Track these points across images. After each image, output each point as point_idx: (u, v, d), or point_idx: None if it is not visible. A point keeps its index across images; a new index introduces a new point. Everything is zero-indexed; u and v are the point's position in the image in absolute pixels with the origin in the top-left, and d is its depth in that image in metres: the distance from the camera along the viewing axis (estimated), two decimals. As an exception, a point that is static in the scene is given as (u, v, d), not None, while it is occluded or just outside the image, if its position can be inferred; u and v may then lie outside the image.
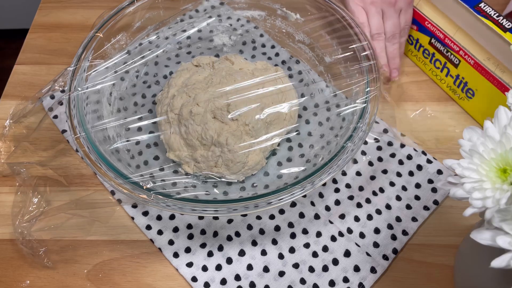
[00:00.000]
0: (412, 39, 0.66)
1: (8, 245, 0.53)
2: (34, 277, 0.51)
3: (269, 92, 0.56)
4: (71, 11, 0.75)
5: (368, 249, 0.52)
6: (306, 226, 0.53)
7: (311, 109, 0.62)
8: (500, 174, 0.33)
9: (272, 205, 0.45)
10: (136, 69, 0.63)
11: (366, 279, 0.50)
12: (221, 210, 0.45)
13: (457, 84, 0.62)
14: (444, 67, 0.63)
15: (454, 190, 0.35)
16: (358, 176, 0.57)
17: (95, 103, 0.55)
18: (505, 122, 0.34)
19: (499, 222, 0.31)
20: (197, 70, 0.60)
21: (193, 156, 0.54)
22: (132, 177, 0.47)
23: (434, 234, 0.54)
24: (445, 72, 0.63)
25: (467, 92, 0.61)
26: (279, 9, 0.65)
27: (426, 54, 0.65)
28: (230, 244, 0.53)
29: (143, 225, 0.53)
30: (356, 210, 0.55)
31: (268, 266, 0.51)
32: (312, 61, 0.64)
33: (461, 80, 0.61)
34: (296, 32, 0.65)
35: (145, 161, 0.57)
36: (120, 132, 0.57)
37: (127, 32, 0.60)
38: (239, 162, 0.53)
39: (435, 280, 0.51)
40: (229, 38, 0.68)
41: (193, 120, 0.53)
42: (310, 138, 0.59)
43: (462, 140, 0.36)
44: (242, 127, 0.53)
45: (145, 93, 0.63)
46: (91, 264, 0.51)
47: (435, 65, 0.64)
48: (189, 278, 0.50)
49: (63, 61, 0.68)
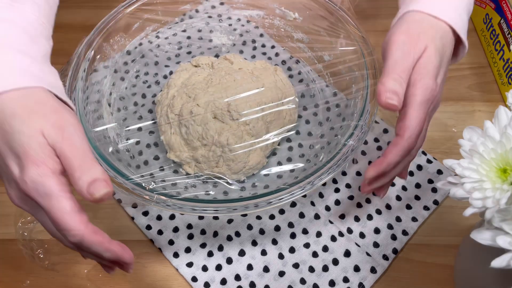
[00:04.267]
0: (487, 17, 0.68)
1: (9, 245, 0.53)
2: (34, 277, 0.51)
3: (269, 92, 0.56)
4: (71, 11, 0.75)
5: (368, 249, 0.52)
6: (306, 226, 0.53)
7: (311, 109, 0.62)
8: (500, 174, 0.33)
9: (272, 205, 0.45)
10: (136, 69, 0.63)
11: (366, 279, 0.50)
12: (221, 210, 0.45)
13: (505, 68, 0.63)
14: (501, 49, 0.64)
15: (454, 190, 0.35)
16: (358, 176, 0.57)
17: (95, 103, 0.55)
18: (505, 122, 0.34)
19: (499, 222, 0.31)
20: (196, 70, 0.60)
21: (194, 157, 0.54)
22: (132, 177, 0.47)
23: (434, 234, 0.54)
24: (500, 55, 0.64)
25: (510, 78, 0.62)
26: (278, 8, 0.64)
27: (492, 35, 0.66)
28: (230, 244, 0.53)
29: (143, 225, 0.53)
30: (356, 210, 0.55)
31: (268, 266, 0.51)
32: (311, 60, 0.64)
33: (509, 65, 0.62)
34: (295, 31, 0.65)
35: (145, 161, 0.57)
36: (120, 132, 0.57)
37: (127, 32, 0.60)
38: (240, 162, 0.53)
39: (435, 280, 0.51)
40: (228, 38, 0.68)
41: (193, 121, 0.53)
42: (310, 138, 0.59)
43: (462, 140, 0.36)
44: (243, 127, 0.53)
45: (145, 93, 0.63)
46: (91, 264, 0.51)
47: (495, 47, 0.65)
48: (189, 278, 0.50)
49: (63, 61, 0.68)
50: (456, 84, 0.66)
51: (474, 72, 0.68)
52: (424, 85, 0.42)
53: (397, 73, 0.42)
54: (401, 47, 0.43)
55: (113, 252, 0.36)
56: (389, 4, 0.74)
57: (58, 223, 0.34)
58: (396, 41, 0.43)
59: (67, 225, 0.34)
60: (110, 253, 0.36)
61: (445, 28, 0.44)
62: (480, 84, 0.67)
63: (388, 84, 0.41)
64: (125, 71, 0.61)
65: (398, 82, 0.41)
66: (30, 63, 0.39)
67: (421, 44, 0.43)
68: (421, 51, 0.43)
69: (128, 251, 0.37)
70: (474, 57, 0.69)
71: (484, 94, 0.65)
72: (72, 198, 0.35)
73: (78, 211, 0.34)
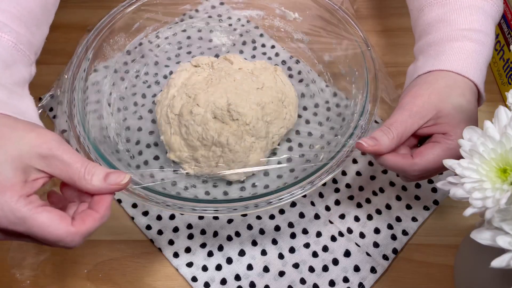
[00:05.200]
0: None
1: (9, 245, 0.53)
2: (34, 277, 0.51)
3: (269, 92, 0.56)
4: (70, 11, 0.75)
5: (368, 249, 0.52)
6: (306, 226, 0.53)
7: (311, 109, 0.62)
8: (500, 174, 0.33)
9: (272, 205, 0.45)
10: (136, 69, 0.63)
11: (366, 279, 0.50)
12: (221, 210, 0.45)
13: (505, 68, 0.63)
14: (501, 49, 0.64)
15: (454, 190, 0.35)
16: (358, 176, 0.57)
17: (95, 103, 0.55)
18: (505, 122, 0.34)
19: (499, 222, 0.31)
20: (196, 70, 0.60)
21: (194, 157, 0.54)
22: (132, 177, 0.47)
23: (434, 234, 0.54)
24: (500, 55, 0.64)
25: (510, 78, 0.62)
26: (278, 8, 0.64)
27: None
28: (230, 244, 0.53)
29: (143, 225, 0.53)
30: (356, 210, 0.55)
31: (268, 266, 0.51)
32: (311, 60, 0.64)
33: (509, 65, 0.62)
34: (295, 31, 0.65)
35: (145, 161, 0.57)
36: (120, 132, 0.57)
37: (127, 32, 0.60)
38: (240, 162, 0.53)
39: (435, 280, 0.51)
40: (228, 38, 0.68)
41: (193, 121, 0.53)
42: (310, 138, 0.59)
43: (462, 140, 0.36)
44: (243, 127, 0.53)
45: (145, 93, 0.63)
46: (91, 264, 0.51)
47: (495, 47, 0.65)
48: (189, 278, 0.50)
49: (63, 61, 0.68)
50: (456, 84, 0.66)
51: (474, 72, 0.68)
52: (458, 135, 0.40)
53: (387, 125, 0.43)
54: (402, 106, 0.44)
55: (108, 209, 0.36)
56: (389, 4, 0.74)
57: (47, 239, 0.33)
58: (400, 102, 0.45)
59: (57, 237, 0.33)
60: (108, 212, 0.36)
61: (467, 85, 0.44)
62: (480, 84, 0.67)
63: (372, 133, 0.43)
64: (125, 71, 0.61)
65: (384, 131, 0.43)
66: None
67: (431, 106, 0.43)
68: (432, 112, 0.43)
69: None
70: (474, 57, 0.69)
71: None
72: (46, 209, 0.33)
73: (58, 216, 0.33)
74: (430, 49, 0.47)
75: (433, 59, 0.46)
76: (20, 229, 0.33)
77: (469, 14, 0.46)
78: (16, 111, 0.39)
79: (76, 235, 0.33)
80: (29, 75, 0.44)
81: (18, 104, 0.40)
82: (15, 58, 0.42)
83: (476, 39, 0.45)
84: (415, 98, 0.44)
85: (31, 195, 0.34)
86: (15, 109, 0.39)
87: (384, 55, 0.68)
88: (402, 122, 0.43)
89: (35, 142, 0.34)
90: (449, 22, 0.46)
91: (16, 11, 0.43)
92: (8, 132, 0.35)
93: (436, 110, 0.43)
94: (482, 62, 0.45)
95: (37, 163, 0.34)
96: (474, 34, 0.45)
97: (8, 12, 0.42)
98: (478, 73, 0.45)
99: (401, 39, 0.69)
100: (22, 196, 0.33)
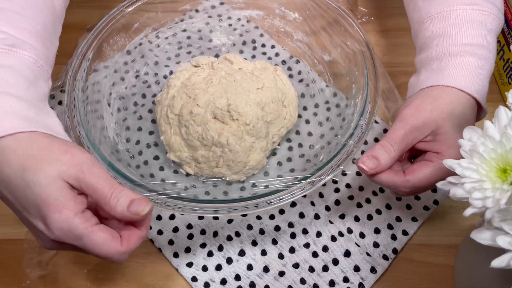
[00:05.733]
0: None
1: (9, 245, 0.53)
2: (34, 277, 0.51)
3: (269, 92, 0.56)
4: (71, 11, 0.74)
5: (368, 249, 0.52)
6: (306, 226, 0.53)
7: (311, 109, 0.62)
8: (500, 174, 0.33)
9: (272, 205, 0.45)
10: (136, 69, 0.63)
11: (366, 279, 0.50)
12: (221, 210, 0.45)
13: (505, 68, 0.63)
14: (501, 49, 0.64)
15: (454, 190, 0.35)
16: (358, 176, 0.57)
17: (95, 103, 0.55)
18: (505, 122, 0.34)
19: (499, 222, 0.31)
20: (196, 70, 0.60)
21: (194, 157, 0.54)
22: (132, 177, 0.47)
23: (434, 234, 0.54)
24: (500, 55, 0.64)
25: (510, 78, 0.61)
26: (277, 8, 0.64)
27: None
28: (230, 244, 0.53)
29: (143, 225, 0.53)
30: (356, 210, 0.55)
31: (268, 266, 0.51)
32: (311, 60, 0.64)
33: (509, 65, 0.61)
34: (295, 31, 0.65)
35: (145, 161, 0.57)
36: (120, 132, 0.57)
37: (127, 32, 0.60)
38: (240, 162, 0.53)
39: (435, 280, 0.51)
40: (228, 38, 0.68)
41: (193, 121, 0.53)
42: (310, 138, 0.59)
43: (462, 140, 0.36)
44: (243, 127, 0.53)
45: (145, 93, 0.63)
46: (91, 264, 0.51)
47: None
48: (189, 278, 0.50)
49: (63, 61, 0.68)
50: (456, 84, 0.66)
51: (474, 72, 0.68)
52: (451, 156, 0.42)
53: (387, 139, 0.43)
54: (405, 119, 0.44)
55: (148, 226, 0.39)
56: (389, 4, 0.74)
57: (99, 255, 0.37)
58: (403, 113, 0.44)
59: (107, 255, 0.36)
60: (147, 231, 0.39)
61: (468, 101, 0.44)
62: (480, 84, 0.66)
63: (374, 149, 0.43)
64: (125, 71, 0.61)
65: (385, 148, 0.43)
66: (27, 108, 0.40)
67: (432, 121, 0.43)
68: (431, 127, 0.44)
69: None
70: (474, 57, 0.69)
71: (484, 94, 0.65)
72: (100, 228, 0.37)
73: (110, 236, 0.37)
74: (433, 63, 0.47)
75: (436, 74, 0.46)
76: (76, 244, 0.36)
77: (471, 28, 0.46)
78: (46, 127, 0.40)
79: (124, 254, 0.37)
80: (48, 89, 0.45)
81: (46, 120, 0.41)
82: (37, 74, 0.43)
83: (478, 54, 0.46)
84: (418, 112, 0.44)
85: (84, 210, 0.37)
86: (45, 126, 0.40)
87: (384, 55, 0.68)
88: (404, 137, 0.43)
89: (69, 163, 0.36)
90: (450, 36, 0.46)
91: (32, 27, 0.44)
92: (45, 155, 0.37)
93: (436, 127, 0.44)
94: (484, 77, 0.46)
95: (74, 183, 0.37)
96: (476, 49, 0.46)
97: (25, 30, 0.43)
98: (480, 89, 0.45)
99: (401, 39, 0.69)
100: (77, 213, 0.36)
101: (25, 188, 0.36)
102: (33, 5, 0.45)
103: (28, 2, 0.44)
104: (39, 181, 0.35)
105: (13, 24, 0.42)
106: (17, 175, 0.36)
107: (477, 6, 0.47)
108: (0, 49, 0.41)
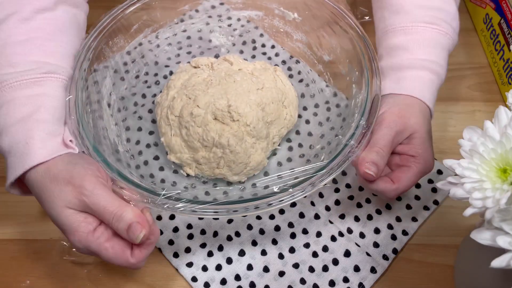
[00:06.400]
0: (487, 17, 0.68)
1: (9, 245, 0.53)
2: (34, 277, 0.51)
3: (269, 92, 0.56)
4: (71, 11, 0.75)
5: (368, 249, 0.52)
6: (306, 226, 0.53)
7: (311, 109, 0.62)
8: (500, 174, 0.33)
9: (273, 207, 0.45)
10: (136, 69, 0.63)
11: (366, 279, 0.50)
12: (221, 212, 0.45)
13: (505, 68, 0.63)
14: (501, 49, 0.64)
15: (454, 190, 0.35)
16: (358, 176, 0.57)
17: (95, 103, 0.55)
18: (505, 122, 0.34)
19: (499, 222, 0.31)
20: (195, 71, 0.60)
21: (195, 158, 0.54)
22: (132, 178, 0.47)
23: (434, 234, 0.54)
24: (500, 55, 0.64)
25: (510, 78, 0.62)
26: (277, 9, 0.64)
27: (492, 35, 0.67)
28: (230, 244, 0.53)
29: (143, 225, 0.53)
30: (356, 210, 0.55)
31: (268, 266, 0.51)
32: (311, 60, 0.64)
33: (509, 65, 0.62)
34: (295, 31, 0.65)
35: (145, 161, 0.57)
36: (120, 133, 0.57)
37: (127, 33, 0.60)
38: (241, 163, 0.53)
39: (435, 280, 0.51)
40: (228, 39, 0.68)
41: (193, 122, 0.53)
42: (310, 138, 0.59)
43: (462, 140, 0.36)
44: (243, 128, 0.53)
45: (145, 93, 0.63)
46: (91, 264, 0.51)
47: (495, 47, 0.66)
48: (189, 278, 0.50)
49: (63, 61, 0.68)
50: (456, 84, 0.66)
51: (474, 72, 0.68)
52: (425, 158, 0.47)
53: (380, 146, 0.47)
54: (390, 125, 0.47)
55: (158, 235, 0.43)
56: (389, 4, 0.73)
57: (114, 263, 0.41)
58: (387, 119, 0.48)
59: (122, 264, 0.41)
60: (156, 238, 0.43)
61: (427, 109, 0.50)
62: (480, 84, 0.67)
63: (371, 155, 0.46)
64: (125, 71, 0.61)
65: (380, 155, 0.46)
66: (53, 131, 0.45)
67: (410, 127, 0.48)
68: (410, 131, 0.48)
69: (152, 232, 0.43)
70: (474, 57, 0.69)
71: (484, 94, 0.65)
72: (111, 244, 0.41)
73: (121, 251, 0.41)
74: (392, 73, 0.52)
75: (395, 84, 0.51)
76: (94, 254, 0.42)
77: (427, 46, 0.52)
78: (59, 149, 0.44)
79: (135, 264, 0.42)
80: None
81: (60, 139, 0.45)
82: (64, 95, 0.48)
83: (432, 69, 0.51)
84: (400, 118, 0.48)
85: (96, 228, 0.41)
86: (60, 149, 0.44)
87: (384, 55, 0.68)
88: (392, 143, 0.47)
89: (72, 194, 0.41)
90: (411, 51, 0.52)
91: (63, 49, 0.49)
92: (52, 187, 0.41)
93: (413, 131, 0.48)
94: (434, 90, 0.52)
95: (80, 209, 0.41)
96: (431, 64, 0.51)
97: (58, 53, 0.48)
98: (432, 100, 0.51)
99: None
100: (89, 233, 0.41)
101: (49, 213, 0.42)
102: (61, 28, 0.49)
103: (57, 26, 0.48)
104: (52, 213, 0.41)
105: (46, 51, 0.47)
106: (41, 202, 0.42)
107: (435, 25, 0.52)
108: (35, 78, 0.45)
